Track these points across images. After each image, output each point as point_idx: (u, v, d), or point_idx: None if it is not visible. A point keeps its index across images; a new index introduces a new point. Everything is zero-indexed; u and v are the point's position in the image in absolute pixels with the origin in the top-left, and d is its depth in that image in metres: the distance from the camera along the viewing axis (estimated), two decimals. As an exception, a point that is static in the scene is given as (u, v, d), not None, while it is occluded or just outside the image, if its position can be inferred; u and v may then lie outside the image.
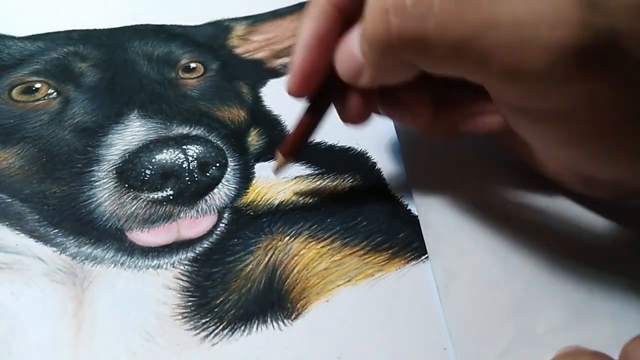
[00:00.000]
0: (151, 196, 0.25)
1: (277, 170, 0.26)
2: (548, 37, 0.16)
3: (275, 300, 0.23)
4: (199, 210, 0.25)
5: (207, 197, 0.25)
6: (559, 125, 0.19)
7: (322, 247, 0.24)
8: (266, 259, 0.24)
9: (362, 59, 0.21)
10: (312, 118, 0.25)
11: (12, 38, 0.32)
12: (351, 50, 0.21)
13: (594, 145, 0.20)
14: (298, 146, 0.25)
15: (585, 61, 0.16)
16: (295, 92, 0.23)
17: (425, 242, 0.25)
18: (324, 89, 0.24)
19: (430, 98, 0.24)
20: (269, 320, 0.22)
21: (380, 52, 0.20)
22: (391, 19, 0.18)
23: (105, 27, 0.34)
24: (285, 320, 0.22)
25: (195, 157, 0.26)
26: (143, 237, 0.24)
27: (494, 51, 0.17)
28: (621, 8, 0.17)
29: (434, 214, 0.26)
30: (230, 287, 0.23)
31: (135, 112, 0.28)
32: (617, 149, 0.19)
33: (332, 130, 0.29)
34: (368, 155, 0.28)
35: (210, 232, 0.25)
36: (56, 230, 0.24)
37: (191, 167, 0.25)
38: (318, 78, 0.23)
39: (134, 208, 0.25)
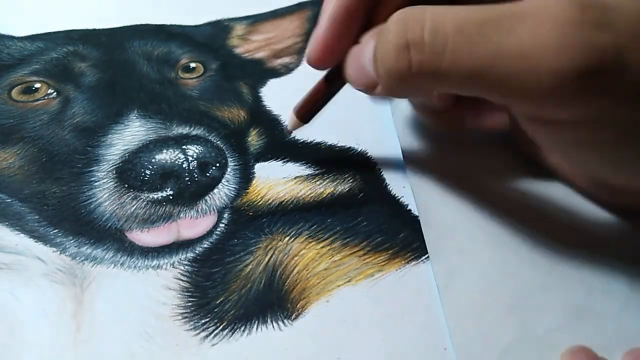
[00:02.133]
0: (151, 196, 0.25)
1: (290, 131, 0.27)
2: (554, 62, 0.17)
3: (275, 301, 0.23)
4: (199, 210, 0.25)
5: (207, 197, 0.25)
6: (573, 134, 0.20)
7: (322, 247, 0.24)
8: (266, 259, 0.24)
9: (376, 77, 0.21)
10: (329, 87, 0.25)
11: (12, 38, 0.32)
12: (364, 65, 0.22)
13: (607, 151, 0.21)
14: (311, 110, 0.26)
15: (592, 80, 0.17)
16: (315, 62, 0.24)
17: (426, 242, 0.25)
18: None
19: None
20: (269, 320, 0.22)
21: (396, 82, 0.21)
22: (411, 54, 0.19)
23: (105, 27, 0.34)
24: (285, 321, 0.22)
25: (195, 157, 0.26)
26: (143, 237, 0.24)
27: (504, 78, 0.18)
28: (625, 24, 0.17)
29: (434, 214, 0.26)
30: (230, 287, 0.23)
31: (135, 112, 0.28)
32: (629, 155, 0.20)
33: (332, 130, 0.29)
34: (368, 155, 0.28)
35: (210, 233, 0.24)
36: (56, 231, 0.24)
37: (191, 167, 0.25)
38: (340, 52, 0.23)
39: (133, 208, 0.24)
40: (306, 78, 0.33)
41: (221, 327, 0.22)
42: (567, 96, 0.18)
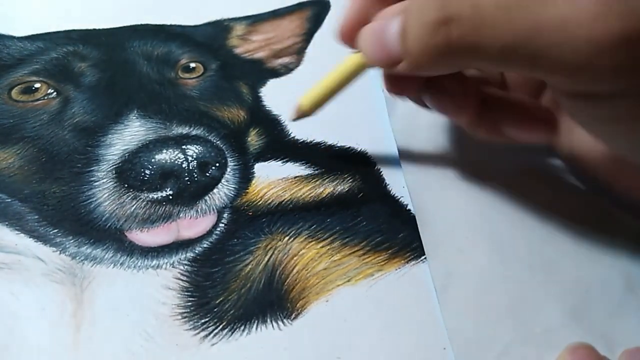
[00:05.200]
0: (151, 196, 0.25)
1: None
2: (591, 30, 0.17)
3: (274, 300, 0.23)
4: (199, 210, 0.25)
5: (206, 197, 0.25)
6: (610, 110, 0.20)
7: (322, 247, 0.24)
8: (266, 259, 0.24)
9: (402, 52, 0.21)
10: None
11: (12, 38, 0.32)
12: (387, 40, 0.21)
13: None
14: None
15: (631, 49, 0.17)
16: (346, 38, 0.24)
17: (423, 243, 0.25)
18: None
19: (475, 92, 0.24)
20: (268, 320, 0.22)
21: (431, 57, 0.20)
22: (452, 29, 0.19)
23: (105, 27, 0.34)
24: (284, 320, 0.22)
25: (194, 157, 0.26)
26: (142, 237, 0.24)
27: (542, 51, 0.18)
28: None
29: (431, 215, 0.26)
30: (229, 287, 0.23)
31: (135, 112, 0.28)
32: None
33: (332, 130, 0.29)
34: (368, 155, 0.28)
35: (209, 232, 0.25)
36: (56, 230, 0.24)
37: (191, 167, 0.25)
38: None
39: (133, 208, 0.25)
40: (306, 78, 0.33)
41: (221, 326, 0.22)
42: (605, 67, 0.18)
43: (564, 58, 0.18)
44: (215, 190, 0.26)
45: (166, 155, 0.26)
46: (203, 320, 0.22)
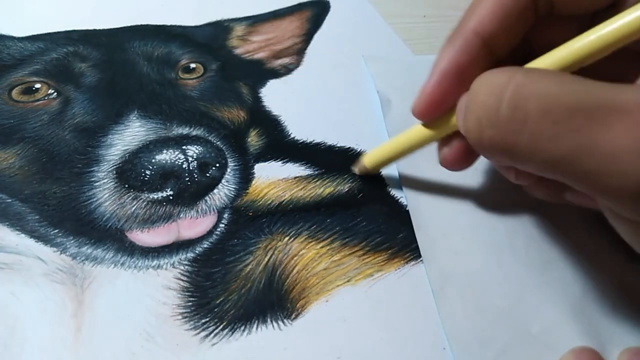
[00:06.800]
0: (151, 196, 0.25)
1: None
2: None
3: (275, 300, 0.23)
4: (199, 210, 0.25)
5: (207, 198, 0.25)
6: None
7: (322, 247, 0.24)
8: (266, 259, 0.24)
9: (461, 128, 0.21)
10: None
11: (12, 38, 0.32)
12: (457, 113, 0.21)
13: None
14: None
15: None
16: (420, 116, 0.24)
17: (419, 245, 0.25)
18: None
19: None
20: (268, 320, 0.22)
21: (475, 147, 0.20)
22: (484, 129, 0.19)
23: (105, 27, 0.34)
24: (285, 320, 0.22)
25: (195, 157, 0.26)
26: (143, 237, 0.24)
27: (588, 173, 0.17)
28: None
29: (427, 218, 0.26)
30: (230, 287, 0.23)
31: (135, 112, 0.28)
32: None
33: (332, 130, 0.29)
34: (368, 155, 0.29)
35: (210, 233, 0.25)
36: (56, 231, 0.24)
37: (191, 168, 0.26)
38: (446, 106, 0.23)
39: (134, 208, 0.25)
40: (306, 78, 0.33)
41: (221, 326, 0.22)
42: None
43: (610, 186, 0.17)
44: (215, 191, 0.26)
45: (166, 156, 0.26)
46: (203, 320, 0.22)
